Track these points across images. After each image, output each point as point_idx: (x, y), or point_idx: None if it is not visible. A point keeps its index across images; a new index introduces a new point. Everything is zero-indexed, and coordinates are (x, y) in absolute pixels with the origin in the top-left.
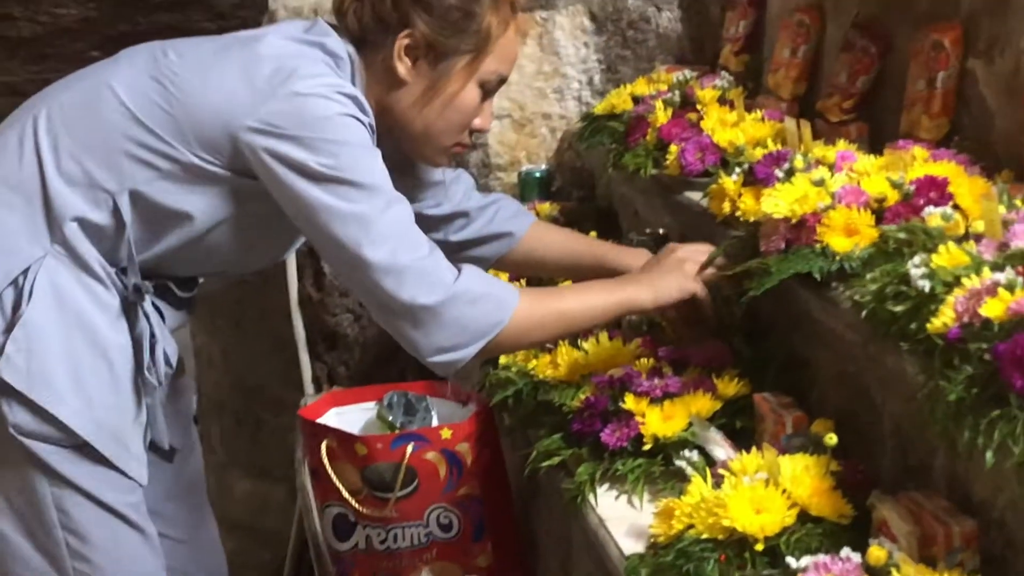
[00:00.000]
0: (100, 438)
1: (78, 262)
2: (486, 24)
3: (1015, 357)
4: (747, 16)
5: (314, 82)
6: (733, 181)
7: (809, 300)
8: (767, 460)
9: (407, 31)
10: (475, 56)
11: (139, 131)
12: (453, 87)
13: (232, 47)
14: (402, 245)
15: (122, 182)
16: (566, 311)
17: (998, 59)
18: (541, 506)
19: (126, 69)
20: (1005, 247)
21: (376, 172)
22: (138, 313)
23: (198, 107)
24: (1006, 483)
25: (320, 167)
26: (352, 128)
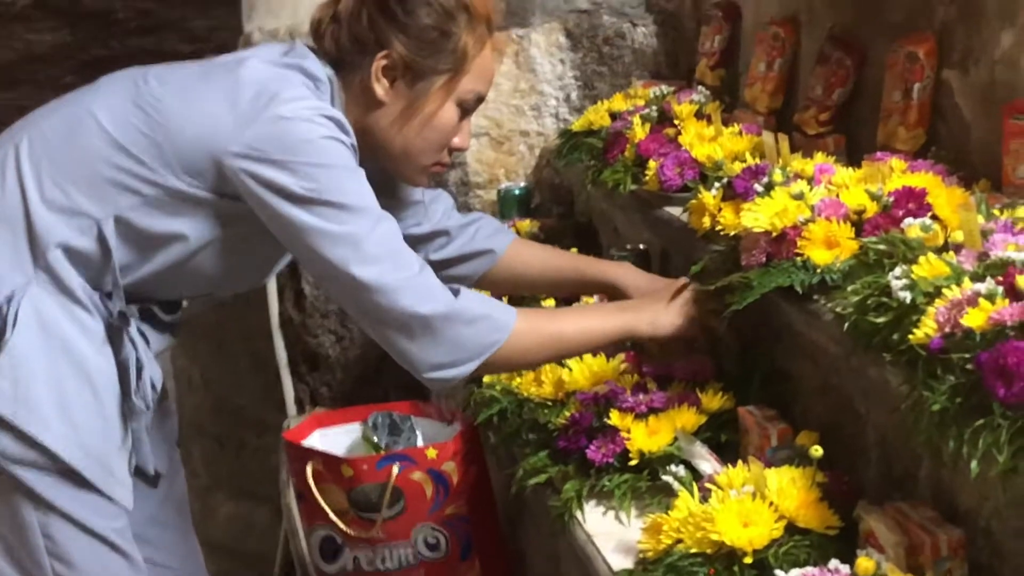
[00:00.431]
0: (86, 463)
1: (62, 289)
2: (462, 44)
3: (997, 367)
4: (722, 30)
5: (296, 105)
6: (713, 196)
7: (791, 313)
8: (753, 473)
9: (384, 52)
10: (452, 75)
11: (121, 157)
12: (431, 107)
13: (213, 72)
14: (393, 264)
15: (106, 208)
16: (563, 335)
17: (973, 70)
18: (528, 523)
19: (107, 96)
20: (984, 257)
21: (362, 192)
22: (123, 339)
23: (181, 132)
24: (991, 492)
25: (305, 191)
26: (335, 150)
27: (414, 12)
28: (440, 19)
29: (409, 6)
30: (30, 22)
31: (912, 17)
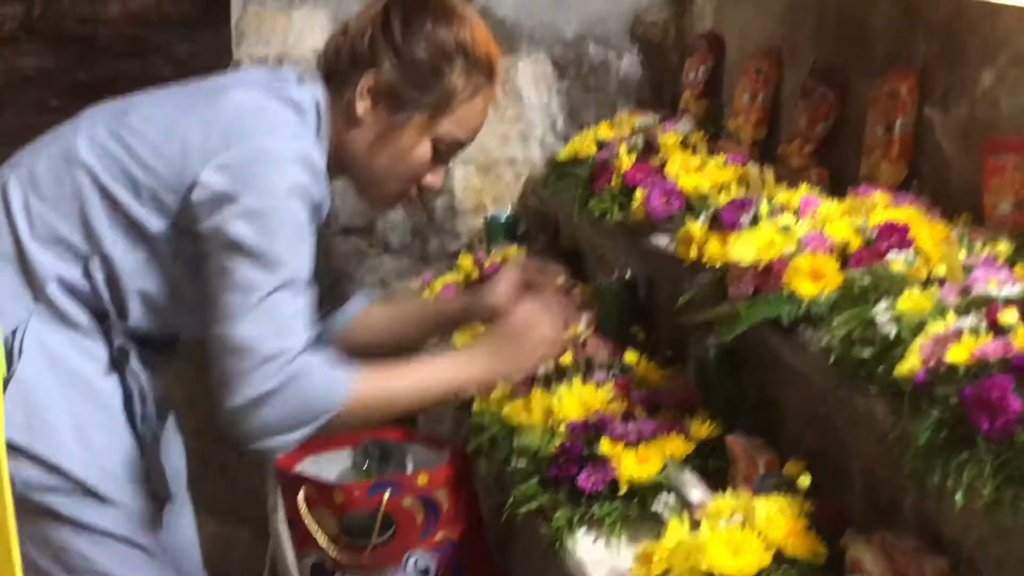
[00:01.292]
0: (106, 482)
1: (64, 320)
2: (451, 85)
3: (981, 401)
4: (706, 61)
5: (271, 142)
6: (699, 226)
7: (778, 344)
8: (742, 502)
9: (374, 70)
10: (433, 114)
11: (100, 193)
12: (406, 139)
13: (196, 102)
14: (275, 331)
15: (91, 245)
16: (405, 393)
17: (953, 107)
18: (519, 550)
19: (89, 128)
20: (967, 291)
21: (292, 252)
22: (125, 371)
23: (156, 165)
24: (975, 523)
25: (241, 233)
26: (289, 204)
27: (412, 41)
28: (435, 56)
29: (409, 34)
30: (16, 45)
31: (894, 54)
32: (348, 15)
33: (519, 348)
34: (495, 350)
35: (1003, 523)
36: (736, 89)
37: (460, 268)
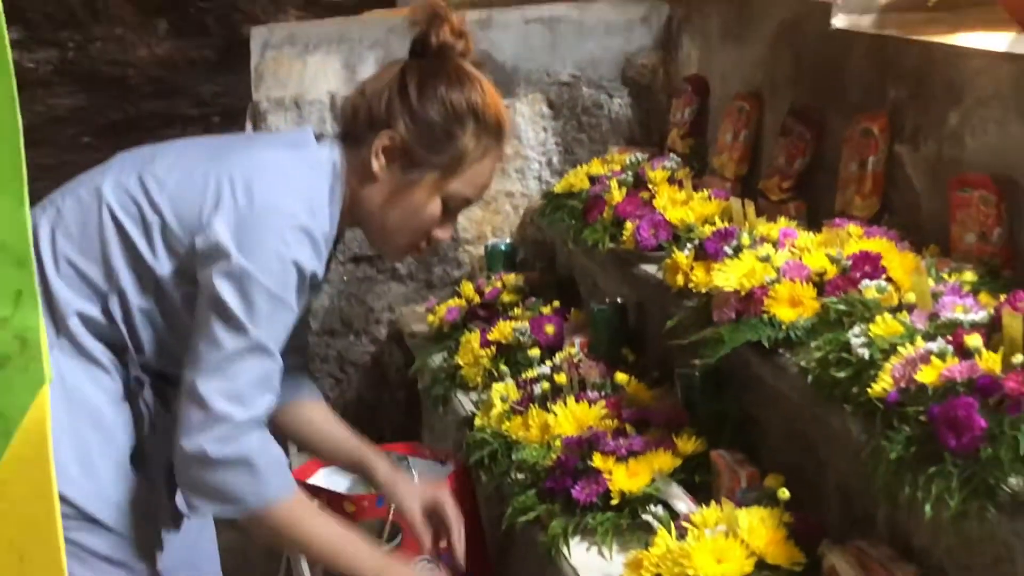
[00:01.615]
0: (111, 513)
1: (83, 353)
2: (463, 147)
3: (949, 419)
4: (692, 103)
5: (277, 207)
6: (685, 256)
7: (759, 365)
8: (726, 513)
9: (389, 131)
10: (444, 174)
11: (120, 237)
12: (418, 197)
13: (218, 154)
14: (234, 392)
15: (111, 284)
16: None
17: (922, 145)
18: (517, 557)
19: (117, 173)
20: (935, 317)
21: (268, 323)
22: (138, 401)
23: (174, 210)
24: (943, 533)
25: (228, 296)
26: (280, 274)
27: (426, 104)
28: (448, 119)
29: (423, 97)
30: (51, 87)
31: (867, 96)
32: (358, 61)
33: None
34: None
35: (969, 533)
36: (720, 128)
37: (463, 294)
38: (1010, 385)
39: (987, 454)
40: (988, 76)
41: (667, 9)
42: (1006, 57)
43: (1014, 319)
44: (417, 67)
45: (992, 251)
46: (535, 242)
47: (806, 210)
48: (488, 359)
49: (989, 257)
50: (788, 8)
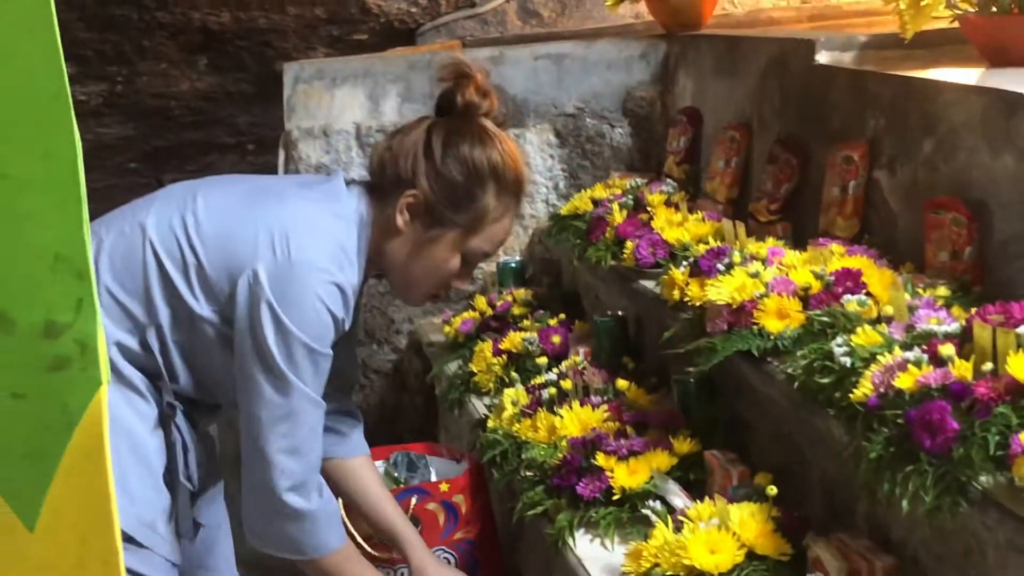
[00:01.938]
0: (141, 531)
1: (122, 380)
2: (484, 207)
3: (924, 421)
4: (686, 132)
5: (312, 263)
6: (681, 272)
7: (749, 372)
8: (718, 508)
9: (414, 191)
10: (465, 232)
11: (160, 274)
12: (439, 253)
13: (254, 204)
14: (295, 447)
15: (150, 318)
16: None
17: (899, 171)
18: (526, 548)
19: (160, 210)
20: (911, 328)
21: (312, 376)
22: (171, 426)
23: (212, 251)
24: (918, 526)
25: (273, 349)
26: (316, 320)
27: (449, 164)
28: (470, 180)
29: (447, 157)
30: (100, 117)
31: (848, 126)
32: (381, 94)
33: None
34: None
35: (942, 526)
36: (712, 156)
37: (477, 307)
38: (980, 391)
39: (959, 454)
40: (959, 108)
41: (664, 47)
42: (976, 90)
43: (984, 330)
44: (443, 126)
45: (963, 268)
46: (543, 260)
47: (792, 231)
48: (500, 366)
49: (960, 274)
50: (775, 46)
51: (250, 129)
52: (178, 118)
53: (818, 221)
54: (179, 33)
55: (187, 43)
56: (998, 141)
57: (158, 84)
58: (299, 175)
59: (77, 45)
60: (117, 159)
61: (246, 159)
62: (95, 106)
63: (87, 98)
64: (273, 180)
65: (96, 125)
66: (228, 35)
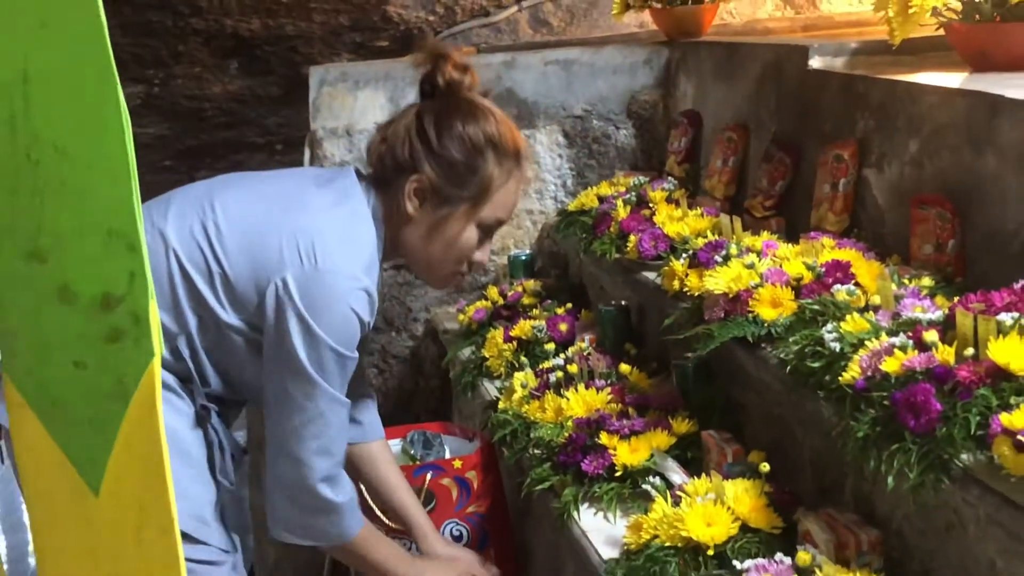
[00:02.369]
0: (193, 526)
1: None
2: (487, 176)
3: (909, 403)
4: (687, 134)
5: (337, 269)
6: (681, 264)
7: (744, 357)
8: (714, 484)
9: (417, 175)
10: (475, 203)
11: (186, 282)
12: (454, 228)
13: (276, 213)
14: (322, 447)
15: (180, 326)
16: (370, 563)
17: (887, 169)
18: (534, 521)
19: (177, 218)
20: (897, 316)
21: (338, 377)
22: (207, 427)
23: (237, 263)
24: (903, 501)
25: (301, 354)
26: (345, 326)
27: (446, 144)
28: (469, 154)
29: (443, 138)
30: (137, 118)
31: (839, 127)
32: (401, 96)
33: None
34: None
35: (925, 501)
36: (711, 155)
37: (489, 297)
38: (962, 374)
39: (942, 433)
40: (944, 109)
41: (666, 53)
42: (959, 93)
43: (966, 318)
44: (431, 108)
45: (947, 260)
46: (551, 253)
47: (785, 225)
48: (510, 352)
49: (944, 265)
50: (770, 52)
51: (278, 129)
52: (211, 119)
53: (810, 216)
54: (212, 39)
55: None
56: (980, 141)
57: (192, 87)
58: (311, 169)
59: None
60: (153, 157)
61: (274, 158)
62: (133, 107)
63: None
64: (287, 179)
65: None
66: (258, 41)
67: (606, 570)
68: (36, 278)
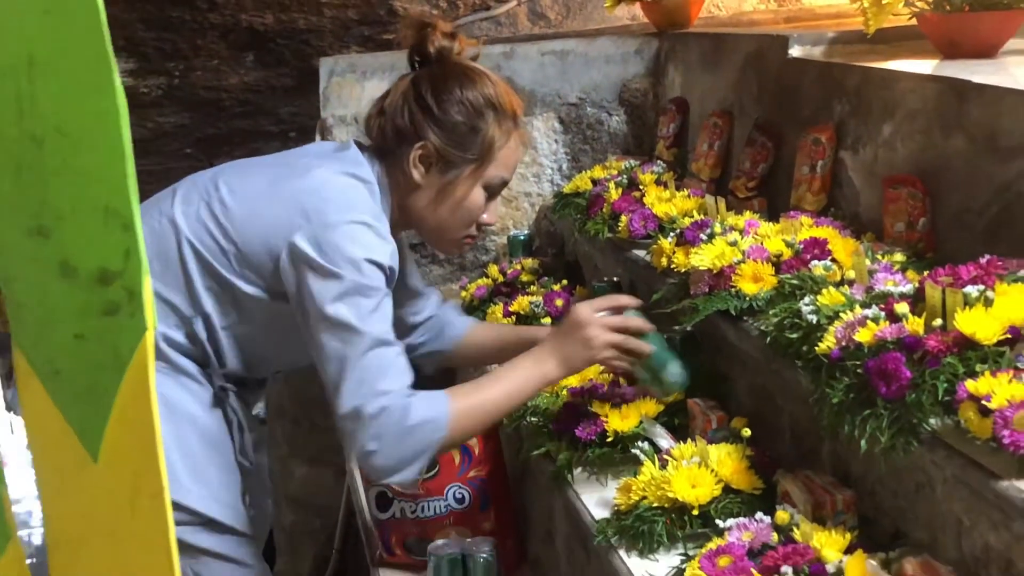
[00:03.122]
0: (223, 512)
1: (177, 369)
2: (489, 137)
3: (880, 371)
4: (675, 120)
5: (347, 217)
6: (669, 242)
7: (727, 329)
8: (699, 448)
9: (421, 143)
10: (480, 164)
11: (198, 263)
12: (461, 191)
13: (278, 180)
14: (371, 391)
15: (194, 308)
16: (493, 405)
17: (862, 151)
18: (531, 484)
19: (185, 203)
20: (871, 290)
21: (372, 317)
22: (226, 408)
23: (247, 235)
24: (875, 463)
25: (326, 305)
26: (366, 272)
27: (447, 109)
28: (470, 116)
29: (443, 103)
30: (159, 108)
31: (817, 112)
32: None
33: (578, 343)
34: (560, 348)
35: (896, 463)
36: (698, 140)
37: (489, 275)
38: (931, 343)
39: (912, 399)
40: (916, 95)
41: (656, 43)
42: (930, 79)
43: (935, 290)
44: (426, 76)
45: (918, 237)
46: (548, 233)
47: (767, 205)
48: None
49: (915, 242)
50: (753, 42)
51: (292, 118)
52: (228, 108)
53: (790, 196)
54: (228, 33)
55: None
56: (949, 124)
57: (210, 78)
58: (315, 144)
59: (138, 43)
60: (174, 145)
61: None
62: (155, 98)
63: (148, 91)
64: (288, 155)
65: (156, 115)
66: (271, 34)
67: (598, 529)
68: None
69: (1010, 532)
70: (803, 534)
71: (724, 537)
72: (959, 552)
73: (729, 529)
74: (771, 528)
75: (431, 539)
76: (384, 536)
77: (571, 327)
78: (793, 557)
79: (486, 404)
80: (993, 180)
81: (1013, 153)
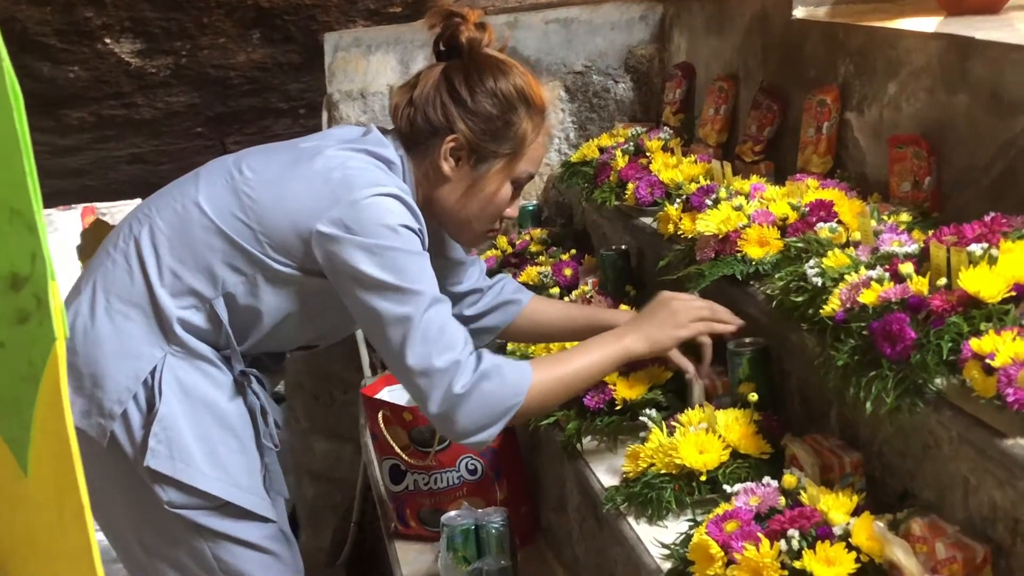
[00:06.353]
0: (240, 496)
1: (194, 354)
2: (522, 131)
3: (885, 332)
4: (681, 85)
5: (372, 191)
6: (675, 208)
7: (734, 294)
8: (706, 414)
9: (453, 135)
10: (511, 158)
11: (224, 244)
12: (491, 186)
13: (300, 161)
14: (438, 347)
15: (216, 289)
16: (573, 376)
17: (867, 112)
18: (542, 453)
19: (208, 186)
20: (876, 251)
21: (422, 277)
22: (247, 392)
23: (272, 219)
24: (881, 425)
25: (374, 272)
26: (403, 236)
27: (481, 101)
28: (503, 109)
29: (477, 96)
30: (169, 88)
31: (822, 73)
32: (411, 59)
33: (664, 321)
34: (643, 324)
35: (902, 424)
36: (704, 105)
37: (499, 246)
38: (935, 303)
39: (916, 360)
40: (919, 53)
41: (661, 9)
42: (934, 36)
43: (939, 250)
44: (458, 68)
45: (923, 196)
46: (556, 203)
47: (774, 168)
48: None
49: (921, 202)
50: (757, 4)
51: (300, 95)
52: (237, 86)
53: (797, 159)
54: (234, 11)
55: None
56: (953, 82)
57: (218, 56)
58: (337, 129)
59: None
60: (184, 124)
61: (299, 122)
62: (163, 78)
63: (156, 71)
64: (311, 138)
65: (165, 95)
66: (277, 11)
67: (606, 497)
68: None
69: (1015, 490)
70: (810, 497)
71: (731, 502)
72: (966, 511)
73: (736, 494)
74: (778, 492)
75: (444, 510)
76: (398, 508)
77: (656, 306)
78: (800, 520)
79: (567, 377)
80: (997, 137)
81: (1017, 109)
